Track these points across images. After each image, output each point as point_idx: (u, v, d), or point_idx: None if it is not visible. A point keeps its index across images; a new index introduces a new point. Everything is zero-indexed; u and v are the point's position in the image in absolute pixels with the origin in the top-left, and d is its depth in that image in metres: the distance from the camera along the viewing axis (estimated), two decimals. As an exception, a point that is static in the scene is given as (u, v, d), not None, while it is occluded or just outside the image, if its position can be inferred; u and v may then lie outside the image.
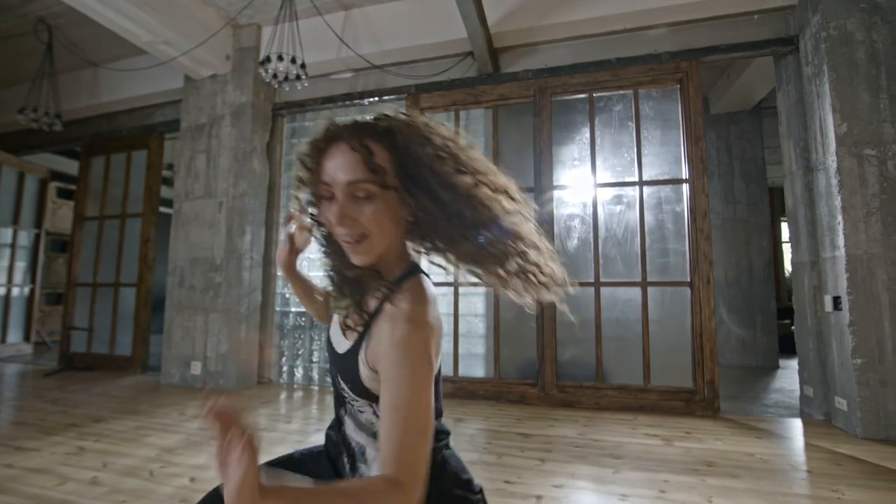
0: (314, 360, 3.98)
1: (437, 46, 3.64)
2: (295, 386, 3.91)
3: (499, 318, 3.46)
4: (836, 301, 2.68)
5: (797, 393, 3.24)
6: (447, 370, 3.55)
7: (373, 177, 0.67)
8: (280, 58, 3.03)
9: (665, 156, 3.31)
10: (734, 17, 3.19)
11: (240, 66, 3.96)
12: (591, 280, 3.29)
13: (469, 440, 2.51)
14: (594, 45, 3.44)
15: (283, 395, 3.58)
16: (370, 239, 0.70)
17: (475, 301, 3.63)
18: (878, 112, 2.64)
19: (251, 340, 3.77)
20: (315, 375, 3.96)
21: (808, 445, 2.43)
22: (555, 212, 3.43)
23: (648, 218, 3.26)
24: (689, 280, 3.12)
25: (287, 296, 4.13)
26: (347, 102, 3.97)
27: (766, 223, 4.96)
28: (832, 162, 2.71)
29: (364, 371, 0.73)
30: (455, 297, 3.59)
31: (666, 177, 3.28)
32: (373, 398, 0.74)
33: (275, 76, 3.15)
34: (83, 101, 4.81)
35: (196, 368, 3.74)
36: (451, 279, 3.60)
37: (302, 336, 4.04)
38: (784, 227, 7.59)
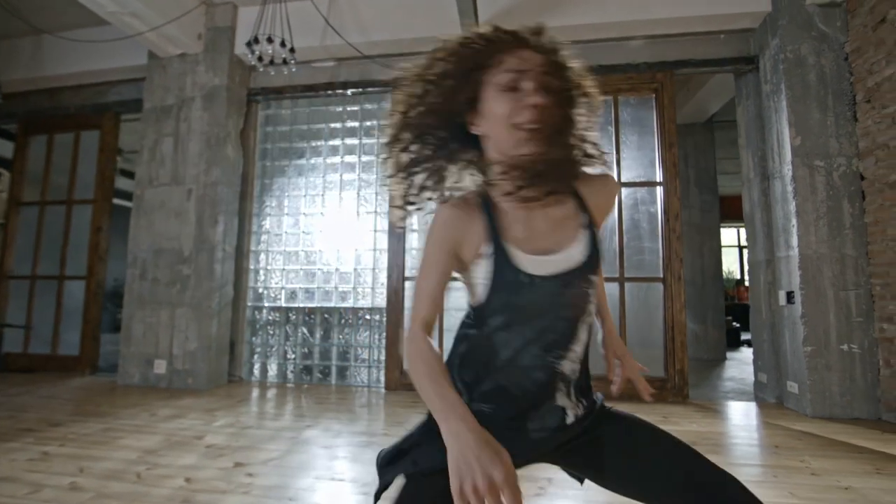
0: (289, 356, 3.84)
1: (426, 42, 3.61)
2: (268, 383, 3.75)
3: (483, 313, 3.52)
4: (790, 295, 2.99)
5: (750, 380, 3.57)
6: (431, 364, 3.56)
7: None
8: (269, 40, 2.90)
9: (641, 160, 3.53)
10: (703, 35, 3.46)
11: (213, 47, 3.74)
12: (573, 275, 3.44)
13: (466, 431, 2.54)
14: (579, 51, 3.59)
15: (258, 393, 3.42)
16: (543, 129, 0.70)
17: (459, 296, 3.67)
18: (826, 128, 2.98)
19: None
20: (290, 373, 3.82)
21: (768, 424, 2.70)
22: (538, 209, 3.54)
23: (626, 217, 3.47)
24: (661, 276, 3.35)
25: (260, 290, 3.95)
26: (329, 92, 3.87)
27: (717, 228, 5.41)
28: (788, 171, 3.02)
29: (598, 238, 0.79)
30: (440, 291, 3.60)
31: (642, 179, 3.50)
32: (600, 265, 0.81)
33: (260, 59, 3.02)
34: (20, 72, 4.32)
35: (160, 367, 3.48)
36: (435, 274, 3.61)
37: (276, 332, 3.88)
38: (723, 232, 8.31)
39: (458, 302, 3.66)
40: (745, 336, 6.18)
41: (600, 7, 3.37)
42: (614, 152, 3.52)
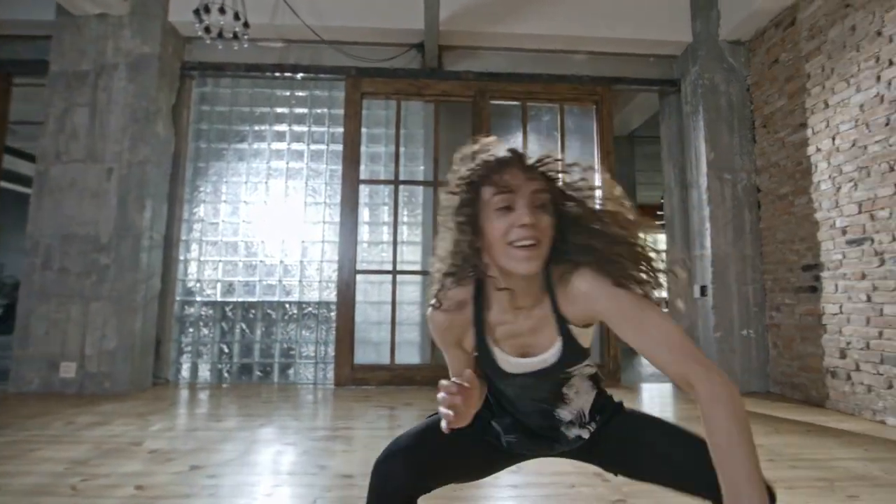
0: (226, 351, 3.55)
1: (383, 32, 3.60)
2: (201, 385, 3.45)
3: (436, 306, 3.57)
4: (703, 289, 3.45)
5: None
6: (384, 358, 3.53)
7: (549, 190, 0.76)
8: (222, 10, 2.68)
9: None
10: (636, 57, 3.86)
11: (142, 10, 3.35)
12: (521, 270, 3.63)
13: (429, 420, 2.57)
14: (529, 58, 3.81)
15: (193, 395, 3.13)
16: (540, 247, 0.73)
17: (411, 289, 3.69)
18: (733, 147, 3.49)
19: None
20: (226, 373, 3.54)
21: (687, 400, 3.09)
22: (490, 207, 3.69)
23: (569, 217, 3.74)
24: (599, 272, 3.66)
25: (190, 284, 3.61)
26: (277, 74, 3.66)
27: (634, 230, 6.02)
28: (703, 181, 3.49)
29: (581, 337, 0.83)
30: (393, 284, 3.59)
31: (556, 158, 3.79)
32: (587, 351, 0.86)
33: (207, 30, 2.77)
34: None
35: (68, 370, 3.03)
36: (389, 268, 3.60)
37: (210, 329, 3.57)
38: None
39: (410, 296, 3.68)
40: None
41: (550, 19, 3.60)
42: (559, 154, 3.78)
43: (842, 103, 2.75)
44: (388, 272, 3.60)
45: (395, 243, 3.63)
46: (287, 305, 3.62)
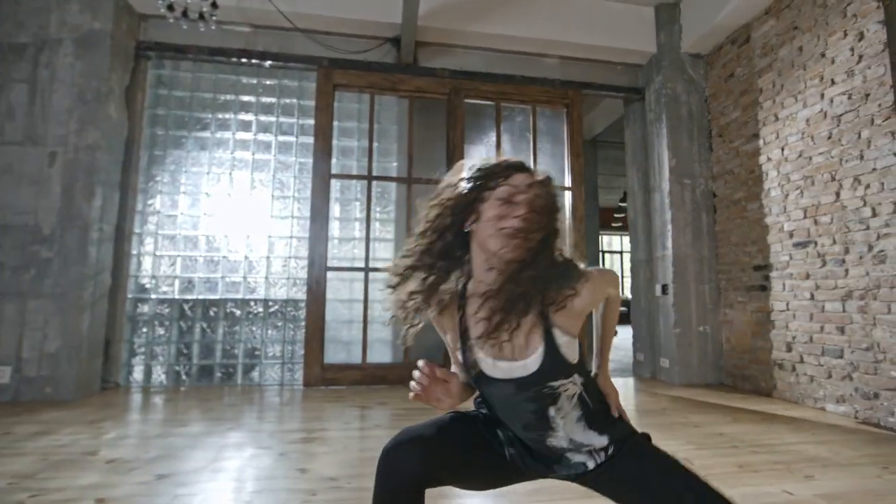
0: (184, 351, 3.34)
1: (358, 24, 3.52)
2: (156, 388, 3.22)
3: (409, 304, 3.53)
4: (664, 288, 3.64)
5: (627, 360, 4.23)
6: (355, 358, 3.45)
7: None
8: (189, -12, 2.51)
9: (553, 166, 3.93)
10: (604, 64, 4.01)
11: (93, -18, 3.07)
12: (494, 269, 3.67)
13: (407, 418, 2.54)
14: (503, 59, 3.86)
15: (148, 400, 2.92)
16: (527, 240, 0.80)
17: (378, 287, 3.62)
18: (692, 154, 3.71)
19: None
20: (185, 375, 3.32)
21: (650, 392, 3.25)
22: (464, 205, 3.70)
23: (540, 217, 3.82)
24: (568, 270, 3.77)
25: (143, 281, 3.36)
26: (244, 60, 3.48)
27: (596, 235, 6.26)
28: (665, 186, 3.68)
29: (566, 347, 0.82)
30: (365, 282, 3.52)
31: (555, 184, 3.89)
32: (572, 368, 0.84)
33: (171, 7, 2.59)
34: None
35: (2, 375, 2.73)
36: (360, 265, 3.53)
37: (167, 329, 3.34)
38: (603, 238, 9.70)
39: (383, 294, 3.61)
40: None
41: (525, 21, 3.66)
42: (531, 157, 3.86)
43: (790, 117, 2.98)
44: (360, 269, 3.52)
45: (367, 240, 3.56)
46: (252, 303, 3.46)
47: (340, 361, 3.43)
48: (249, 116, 3.59)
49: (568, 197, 3.86)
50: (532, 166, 0.93)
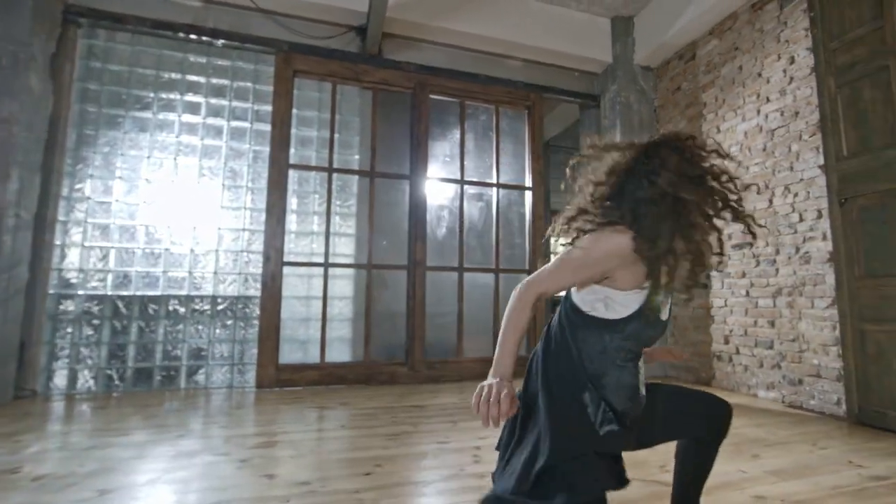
0: (118, 353, 3.01)
1: (322, 9, 3.37)
2: (80, 396, 2.88)
3: (371, 300, 3.45)
4: (616, 286, 3.83)
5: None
6: (313, 357, 3.30)
7: None
8: (137, -50, 2.26)
9: (514, 166, 4.01)
10: (564, 70, 4.16)
11: (11, -67, 2.69)
12: (456, 265, 3.68)
13: (372, 417, 2.47)
14: (468, 57, 3.87)
15: (74, 408, 2.60)
16: None
17: (343, 284, 3.51)
18: (642, 160, 3.93)
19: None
20: (118, 380, 3.00)
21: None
22: (428, 201, 3.67)
23: (502, 216, 3.88)
24: (528, 269, 3.87)
25: (69, 275, 2.99)
26: (192, 37, 3.21)
27: (547, 238, 6.47)
28: (618, 189, 3.88)
29: None
30: (324, 278, 3.38)
31: (515, 183, 3.98)
32: None
33: (113, -30, 2.32)
34: None
35: None
36: (319, 260, 3.39)
37: (96, 329, 3.00)
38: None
39: (342, 290, 3.50)
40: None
41: (491, 21, 3.70)
42: (494, 156, 3.91)
43: (730, 129, 3.26)
44: (319, 265, 3.38)
45: (327, 234, 3.42)
46: (198, 300, 3.20)
47: (297, 361, 3.26)
48: (198, 98, 3.32)
49: (528, 196, 3.95)
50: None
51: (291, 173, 3.40)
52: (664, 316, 0.97)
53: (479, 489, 1.56)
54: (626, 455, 1.04)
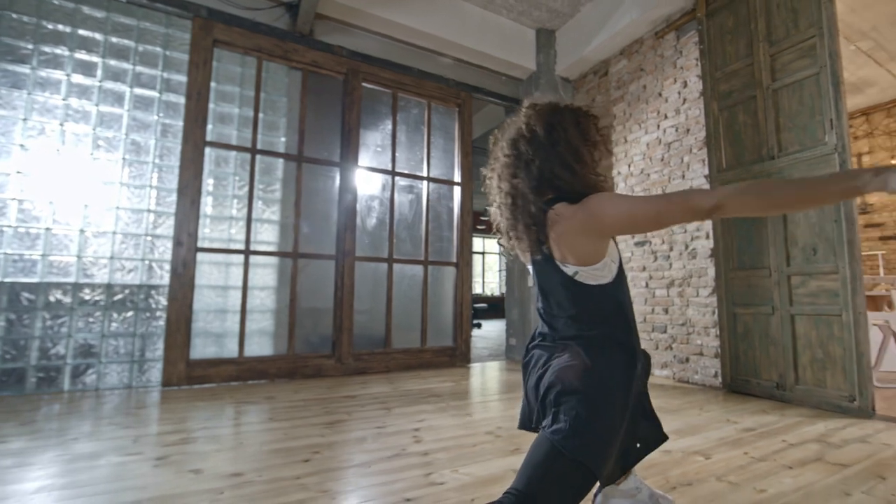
0: (46, 350, 2.50)
1: (248, -23, 3.14)
2: (-76, 404, 2.35)
3: (296, 291, 3.28)
4: (535, 279, 4.11)
5: (495, 346, 4.63)
6: (230, 352, 3.06)
7: None
8: None
9: (445, 161, 4.10)
10: (492, 73, 4.35)
11: None
12: (386, 256, 3.66)
13: (302, 409, 2.36)
14: (402, 50, 3.88)
15: (-82, 418, 2.11)
16: None
17: (265, 273, 3.29)
18: (560, 163, 4.27)
19: None
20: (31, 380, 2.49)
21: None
22: (358, 191, 3.60)
23: (431, 209, 3.94)
24: (455, 261, 3.98)
25: None
26: (88, -14, 2.79)
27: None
28: (539, 189, 4.16)
29: None
30: (245, 267, 3.14)
31: (445, 178, 4.06)
32: None
33: None
34: None
35: None
36: (239, 247, 3.15)
37: (-54, 321, 2.46)
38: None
39: (264, 280, 3.30)
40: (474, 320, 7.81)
41: (425, 16, 3.74)
42: (425, 150, 3.96)
43: (635, 140, 3.69)
44: (239, 252, 3.14)
45: (249, 220, 3.19)
46: (88, 289, 2.78)
47: (211, 356, 2.99)
48: (94, 58, 2.89)
49: (457, 192, 4.07)
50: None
51: (209, 151, 3.12)
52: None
53: (425, 465, 1.60)
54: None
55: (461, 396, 2.74)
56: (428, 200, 3.91)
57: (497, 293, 12.74)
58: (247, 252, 3.14)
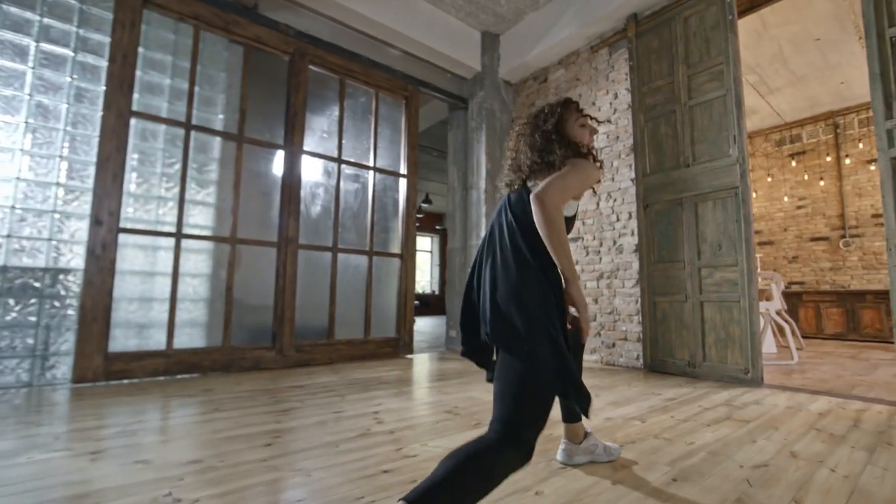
0: None
1: (186, -63, 2.89)
2: None
3: (233, 278, 3.08)
4: (476, 272, 4.26)
5: (440, 336, 4.71)
6: (157, 344, 2.79)
7: None
8: None
9: (391, 152, 4.09)
10: (439, 69, 4.43)
11: None
12: (330, 245, 3.57)
13: (249, 399, 2.24)
14: (351, 36, 3.81)
15: None
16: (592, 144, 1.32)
17: (199, 259, 3.05)
18: (503, 161, 4.48)
19: None
20: None
21: (468, 360, 3.76)
22: (302, 176, 3.47)
23: (377, 200, 3.92)
24: (400, 253, 3.99)
25: None
26: (-14, -83, 2.39)
27: (407, 225, 6.70)
28: (482, 185, 4.33)
29: None
30: (176, 251, 2.88)
31: (391, 169, 4.06)
32: None
33: None
34: None
35: None
36: (169, 229, 2.90)
37: None
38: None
39: (196, 266, 3.06)
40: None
41: (376, 4, 3.72)
42: (372, 139, 3.92)
43: (571, 144, 3.98)
44: (169, 234, 2.87)
45: (181, 201, 2.93)
46: (-23, 272, 2.37)
47: (134, 349, 2.71)
48: (-10, 2, 2.47)
49: (403, 184, 4.08)
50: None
51: (135, 123, 2.82)
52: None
53: (394, 442, 1.62)
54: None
55: (411, 383, 2.78)
56: (374, 191, 3.88)
57: (427, 291, 12.86)
58: (178, 235, 2.89)
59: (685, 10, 3.21)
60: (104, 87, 2.70)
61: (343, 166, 3.72)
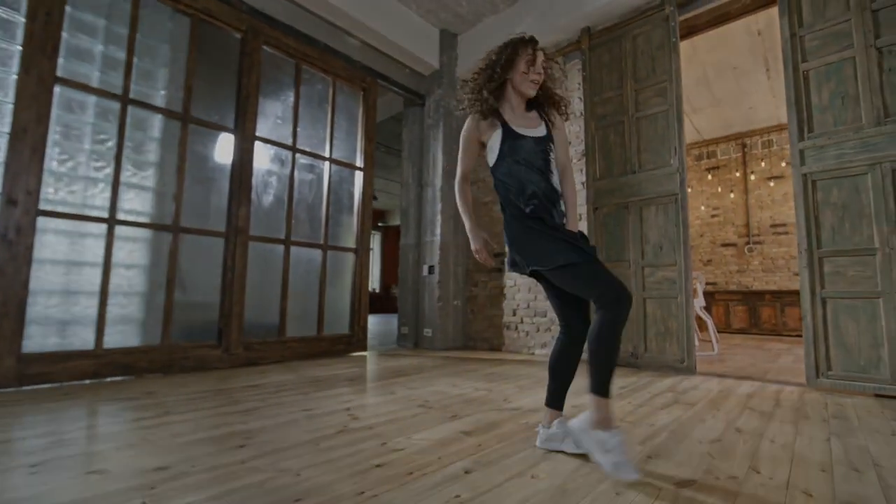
0: None
1: None
2: None
3: (175, 270, 2.82)
4: (431, 268, 4.28)
5: (391, 334, 4.66)
6: (84, 343, 2.47)
7: None
8: None
9: (347, 143, 3.97)
10: (397, 63, 4.38)
11: None
12: (283, 238, 3.39)
13: (203, 400, 2.07)
14: (309, 20, 3.64)
15: None
16: (539, 86, 1.52)
17: (135, 248, 2.74)
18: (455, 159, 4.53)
19: None
20: None
21: (422, 357, 3.76)
22: (254, 163, 3.26)
23: (333, 192, 3.78)
24: (355, 247, 3.89)
25: None
26: None
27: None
28: (438, 182, 4.35)
29: (555, 133, 1.53)
30: (108, 239, 2.57)
31: (347, 161, 3.94)
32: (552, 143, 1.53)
33: None
34: None
35: None
36: (101, 214, 2.59)
37: None
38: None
39: (132, 257, 2.76)
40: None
41: (337, -8, 3.60)
42: (328, 129, 3.78)
43: (525, 147, 4.13)
44: (100, 220, 2.55)
45: (116, 183, 2.62)
46: None
47: (55, 348, 2.37)
48: None
49: (359, 177, 3.98)
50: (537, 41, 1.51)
51: (59, 91, 2.47)
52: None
53: (377, 437, 1.59)
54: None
55: (374, 379, 2.72)
56: (330, 182, 3.75)
57: (369, 288, 12.60)
58: (112, 221, 2.58)
59: (635, 29, 3.47)
60: (20, 48, 2.34)
61: (298, 155, 3.55)
